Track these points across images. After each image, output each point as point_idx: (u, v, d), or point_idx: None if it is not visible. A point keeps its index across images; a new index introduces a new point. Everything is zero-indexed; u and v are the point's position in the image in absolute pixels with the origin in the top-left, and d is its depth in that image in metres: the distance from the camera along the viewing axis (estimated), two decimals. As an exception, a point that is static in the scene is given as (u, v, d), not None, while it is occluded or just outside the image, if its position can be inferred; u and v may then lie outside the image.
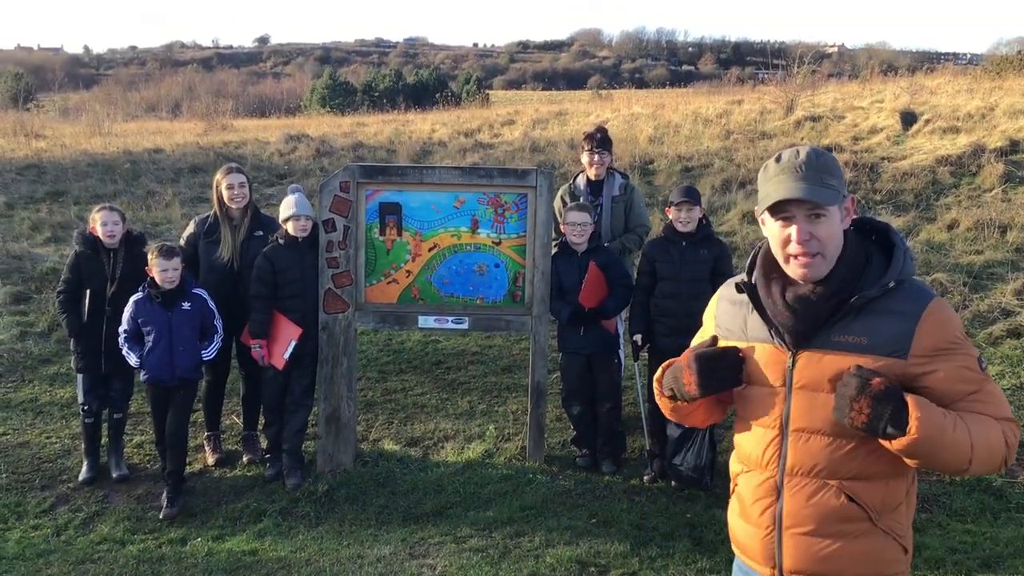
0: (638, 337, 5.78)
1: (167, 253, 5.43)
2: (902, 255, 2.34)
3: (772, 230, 2.39)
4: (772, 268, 2.47)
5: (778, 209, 2.34)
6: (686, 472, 5.32)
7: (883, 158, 13.14)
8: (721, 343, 2.60)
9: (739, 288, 2.53)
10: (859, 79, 23.29)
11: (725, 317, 2.64)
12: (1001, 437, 2.24)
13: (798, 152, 2.35)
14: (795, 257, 2.34)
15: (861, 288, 2.32)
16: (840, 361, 2.31)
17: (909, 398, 2.18)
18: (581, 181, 6.64)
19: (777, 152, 2.43)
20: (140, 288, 5.53)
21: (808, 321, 2.36)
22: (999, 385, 6.76)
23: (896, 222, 10.73)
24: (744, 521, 2.58)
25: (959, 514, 5.18)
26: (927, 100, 16.37)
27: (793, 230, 2.32)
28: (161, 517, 5.42)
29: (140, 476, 6.05)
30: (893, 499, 2.37)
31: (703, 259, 5.60)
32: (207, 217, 6.18)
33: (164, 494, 5.56)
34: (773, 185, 2.35)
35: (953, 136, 13.61)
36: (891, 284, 2.30)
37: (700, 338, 2.78)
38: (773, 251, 2.43)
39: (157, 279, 5.43)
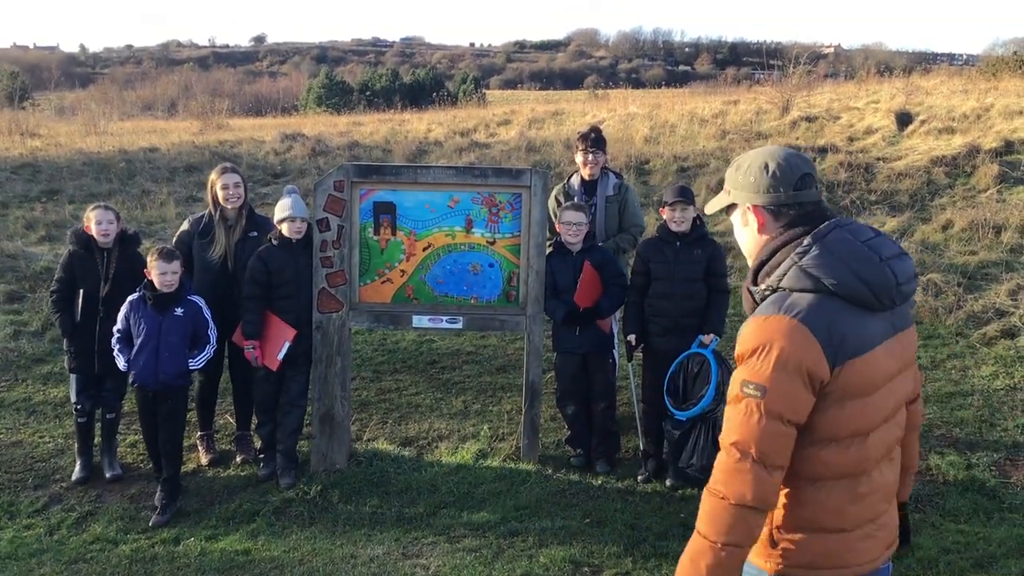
0: (632, 337, 5.78)
1: (167, 256, 5.39)
2: (786, 267, 2.32)
3: None
4: None
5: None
6: (694, 474, 5.31)
7: (878, 158, 13.17)
8: None
9: None
10: (855, 80, 23.34)
11: None
12: (707, 497, 2.31)
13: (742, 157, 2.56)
14: None
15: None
16: None
17: None
18: (575, 181, 6.63)
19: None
20: (138, 288, 5.50)
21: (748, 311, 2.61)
22: (992, 386, 6.79)
23: (891, 222, 10.76)
24: None
25: (952, 514, 5.19)
26: (923, 101, 16.42)
27: None
28: (151, 524, 5.37)
29: (133, 476, 6.03)
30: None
31: (697, 259, 5.60)
32: (201, 216, 6.17)
33: (156, 498, 5.52)
34: None
35: (948, 137, 13.65)
36: (767, 290, 2.37)
37: None
38: None
39: (156, 282, 5.39)
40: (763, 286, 2.35)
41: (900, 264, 2.32)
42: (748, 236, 2.49)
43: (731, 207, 2.53)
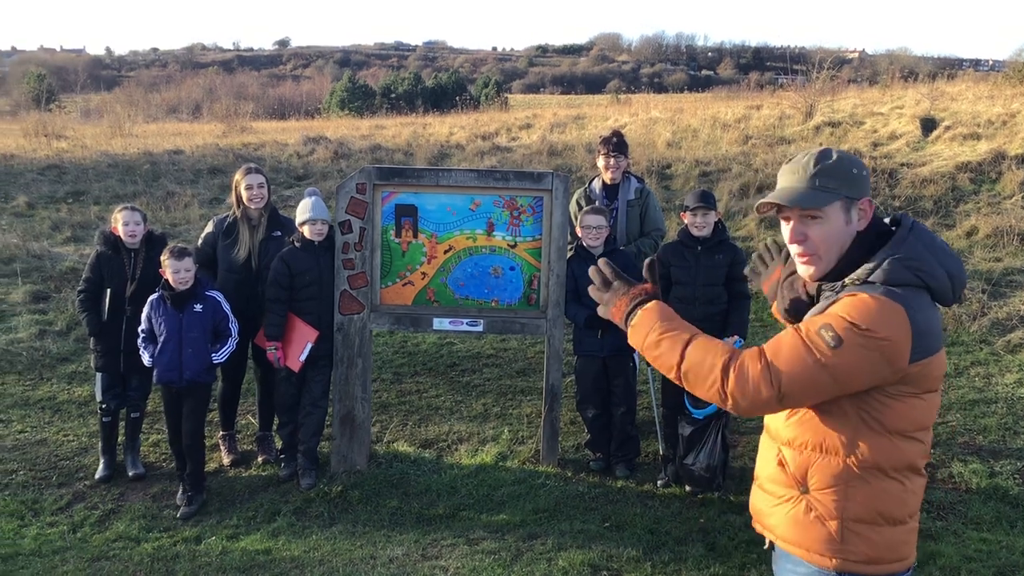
0: (653, 341, 5.76)
1: (178, 254, 5.45)
2: (880, 259, 2.29)
3: (782, 226, 2.49)
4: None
5: (779, 208, 2.43)
6: (698, 472, 5.31)
7: (902, 164, 13.08)
8: None
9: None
10: (879, 85, 23.19)
11: None
12: (718, 365, 2.28)
13: (809, 153, 2.42)
14: (796, 256, 2.45)
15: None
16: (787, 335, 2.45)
17: (644, 309, 2.55)
18: (597, 185, 6.64)
19: (804, 150, 2.52)
20: (157, 288, 5.56)
21: (789, 309, 2.62)
22: (1016, 394, 6.72)
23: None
24: None
25: (974, 522, 5.15)
26: (948, 106, 16.28)
27: (787, 229, 2.43)
28: (179, 516, 5.45)
29: (156, 475, 6.08)
30: (822, 476, 2.37)
31: (718, 264, 5.59)
32: (225, 217, 6.22)
33: (181, 492, 5.60)
34: (779, 182, 2.47)
35: (973, 143, 13.53)
36: (851, 283, 2.31)
37: None
38: None
39: (170, 280, 5.45)
40: (848, 280, 2.32)
41: (960, 261, 2.39)
42: (846, 235, 2.37)
43: (830, 203, 2.35)
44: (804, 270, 2.44)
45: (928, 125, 14.72)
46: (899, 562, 2.37)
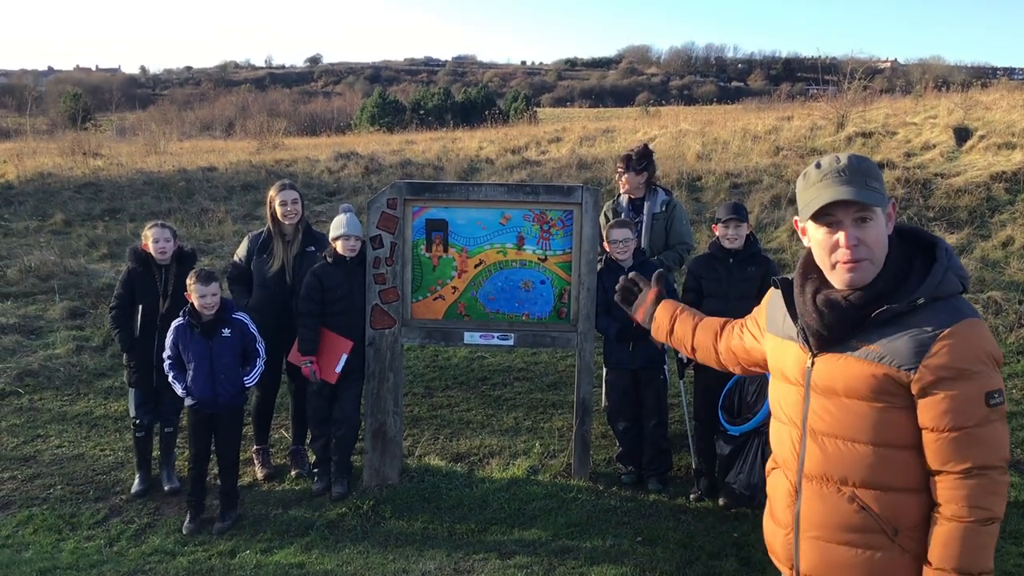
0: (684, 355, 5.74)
1: (205, 278, 5.40)
2: (941, 272, 2.27)
3: (816, 237, 2.38)
4: (810, 270, 2.48)
5: (823, 214, 2.32)
6: (739, 490, 5.25)
7: (936, 174, 12.95)
8: (767, 335, 2.70)
9: (775, 284, 2.60)
10: (912, 95, 22.99)
11: (774, 309, 2.68)
12: (976, 529, 2.19)
13: (838, 158, 2.34)
14: (843, 263, 2.32)
15: (895, 299, 2.28)
16: (852, 367, 2.32)
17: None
18: (623, 199, 6.64)
19: (816, 161, 2.42)
20: (180, 314, 5.54)
21: (833, 327, 2.37)
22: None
23: (950, 239, 10.56)
24: (771, 519, 2.64)
25: (1014, 537, 5.07)
26: (982, 116, 16.10)
27: (841, 235, 2.30)
28: (214, 530, 5.49)
29: (189, 488, 6.12)
30: (912, 515, 2.29)
31: (750, 276, 5.56)
32: (260, 234, 6.28)
33: (189, 520, 5.58)
34: (816, 191, 2.34)
35: (1008, 152, 13.37)
36: (920, 301, 2.25)
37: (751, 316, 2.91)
38: (817, 260, 2.42)
39: (196, 304, 5.41)
40: (914, 297, 2.26)
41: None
42: (886, 236, 2.34)
43: (868, 207, 2.30)
44: (850, 278, 2.32)
45: (962, 135, 14.57)
46: None
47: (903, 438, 2.27)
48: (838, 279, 2.36)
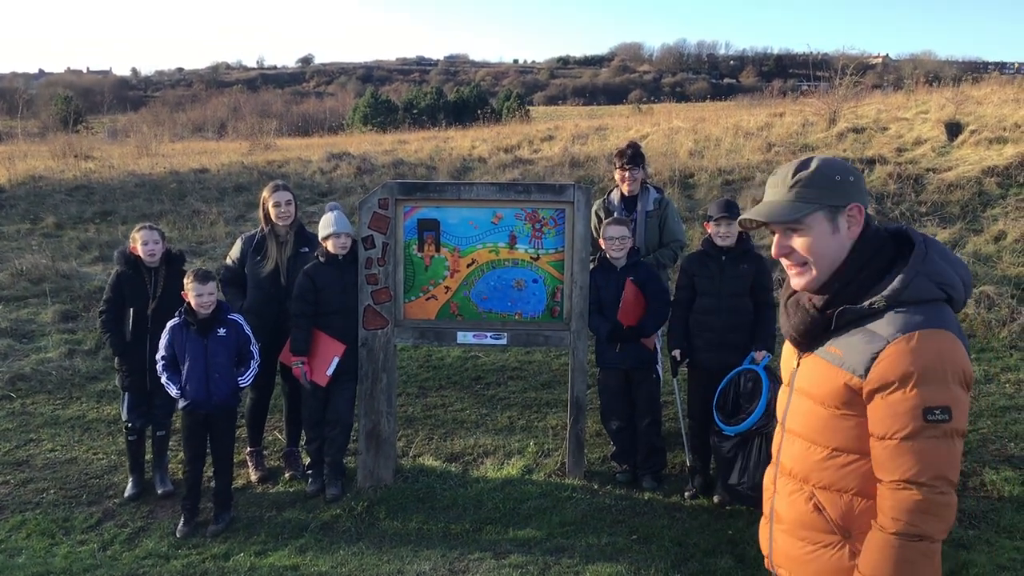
0: (677, 352, 5.75)
1: (203, 278, 5.42)
2: (909, 277, 2.21)
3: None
4: None
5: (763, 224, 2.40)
6: (744, 491, 5.21)
7: (928, 169, 12.98)
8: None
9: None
10: (904, 90, 23.03)
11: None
12: (904, 545, 2.15)
13: (790, 164, 2.38)
14: (787, 268, 2.41)
15: (857, 303, 2.28)
16: (819, 368, 2.36)
17: None
18: (615, 196, 6.63)
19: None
20: (176, 314, 5.54)
21: (800, 329, 2.42)
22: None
23: (942, 234, 10.58)
24: (763, 509, 2.71)
25: (1007, 531, 5.07)
26: (973, 110, 16.15)
27: (774, 242, 2.40)
28: (208, 533, 5.48)
29: (184, 492, 6.10)
30: (865, 520, 2.28)
31: (743, 274, 5.56)
32: (253, 235, 6.27)
33: (183, 523, 5.56)
34: (764, 195, 2.44)
35: (1000, 146, 13.40)
36: (877, 305, 2.23)
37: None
38: None
39: (193, 303, 5.43)
40: (873, 300, 2.23)
41: (967, 266, 2.38)
42: (836, 244, 2.31)
43: (808, 214, 2.30)
44: (796, 282, 2.39)
45: (953, 129, 14.60)
46: None
47: (854, 444, 2.29)
48: (791, 281, 2.44)
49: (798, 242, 2.33)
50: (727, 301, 5.55)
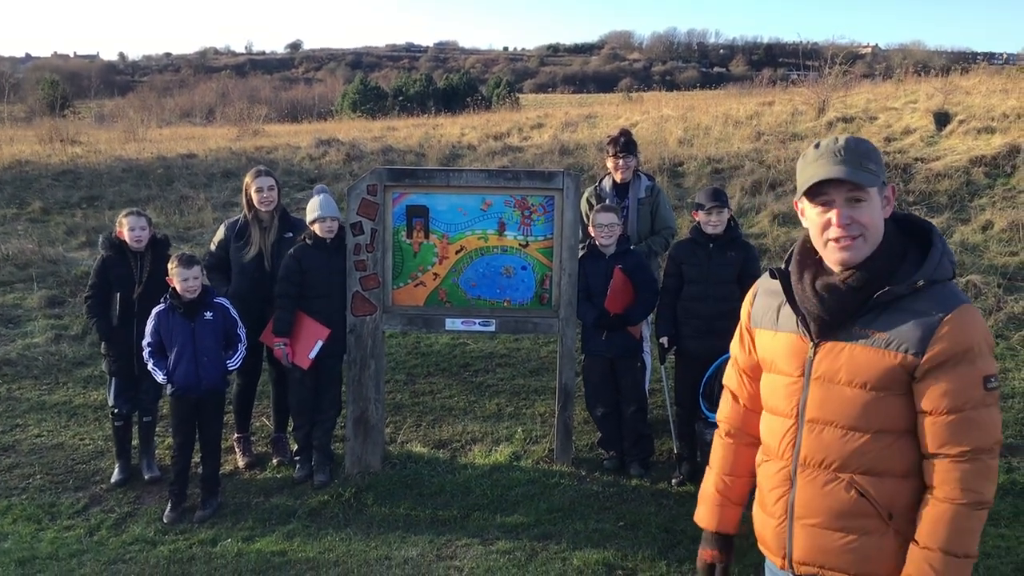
0: (665, 339, 5.76)
1: (187, 262, 5.40)
2: (938, 256, 2.32)
3: (811, 216, 2.42)
4: (808, 257, 2.51)
5: (817, 193, 2.35)
6: None
7: (916, 159, 13.01)
8: (755, 331, 2.67)
9: (772, 274, 2.60)
10: (893, 79, 23.05)
11: (759, 307, 2.67)
12: (965, 512, 2.25)
13: (837, 139, 2.37)
14: (835, 240, 2.35)
15: (892, 282, 2.32)
16: (860, 356, 2.33)
17: None
18: (607, 184, 6.63)
19: (816, 141, 2.45)
20: (162, 299, 5.51)
21: (834, 311, 2.38)
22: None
23: (929, 223, 10.60)
24: (761, 510, 2.66)
25: (992, 518, 5.09)
26: (961, 100, 16.17)
27: (833, 214, 2.34)
28: (195, 519, 5.47)
29: (171, 477, 6.09)
30: (905, 499, 2.34)
31: (731, 261, 5.56)
32: (236, 220, 6.24)
33: (170, 509, 5.55)
34: (812, 170, 2.37)
35: (988, 136, 13.45)
36: (920, 283, 2.28)
37: (736, 335, 2.80)
38: (812, 239, 2.46)
39: (178, 288, 5.41)
40: (914, 279, 2.30)
41: None
42: (881, 218, 2.37)
43: (861, 187, 2.32)
44: (841, 256, 2.35)
45: (942, 119, 14.64)
46: None
47: (900, 424, 2.32)
48: (831, 257, 2.39)
49: (863, 214, 2.33)
50: (715, 289, 5.56)
